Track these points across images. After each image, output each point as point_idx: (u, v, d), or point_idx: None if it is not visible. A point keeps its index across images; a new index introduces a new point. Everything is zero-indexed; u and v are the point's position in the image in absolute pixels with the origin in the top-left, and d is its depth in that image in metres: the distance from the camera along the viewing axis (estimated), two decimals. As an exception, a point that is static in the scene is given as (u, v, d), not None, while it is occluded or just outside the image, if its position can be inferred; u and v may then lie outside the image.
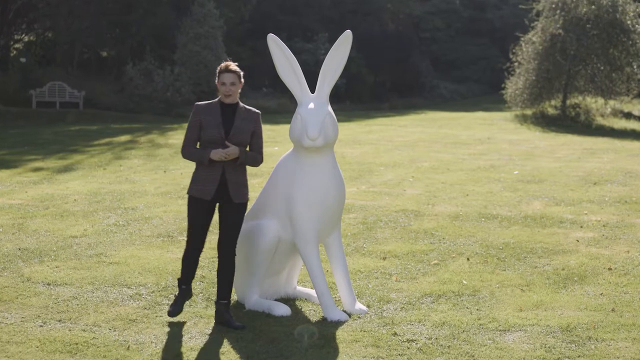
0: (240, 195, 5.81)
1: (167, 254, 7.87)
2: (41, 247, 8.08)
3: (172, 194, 11.41)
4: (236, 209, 5.82)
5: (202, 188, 5.76)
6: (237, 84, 5.81)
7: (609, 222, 9.51)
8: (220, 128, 5.74)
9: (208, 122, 5.76)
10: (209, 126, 5.74)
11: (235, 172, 5.80)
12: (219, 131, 5.73)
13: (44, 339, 5.42)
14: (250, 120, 5.86)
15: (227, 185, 5.77)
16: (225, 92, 5.78)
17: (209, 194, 5.75)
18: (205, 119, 5.77)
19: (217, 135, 5.73)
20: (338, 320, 5.89)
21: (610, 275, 7.17)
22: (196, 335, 5.58)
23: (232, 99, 5.83)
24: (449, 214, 9.95)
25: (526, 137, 21.60)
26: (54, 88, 28.26)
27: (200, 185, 5.78)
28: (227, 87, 5.78)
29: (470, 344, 5.40)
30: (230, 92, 5.78)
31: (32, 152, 16.95)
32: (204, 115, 5.79)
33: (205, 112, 5.80)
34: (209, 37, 31.34)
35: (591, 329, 5.67)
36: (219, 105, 5.84)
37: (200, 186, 5.77)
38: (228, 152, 5.67)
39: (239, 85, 5.83)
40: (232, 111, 5.84)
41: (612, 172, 14.00)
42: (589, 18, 26.70)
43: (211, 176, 5.75)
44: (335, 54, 6.09)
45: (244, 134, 5.80)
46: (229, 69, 5.80)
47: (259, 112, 5.99)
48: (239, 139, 5.77)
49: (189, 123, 5.84)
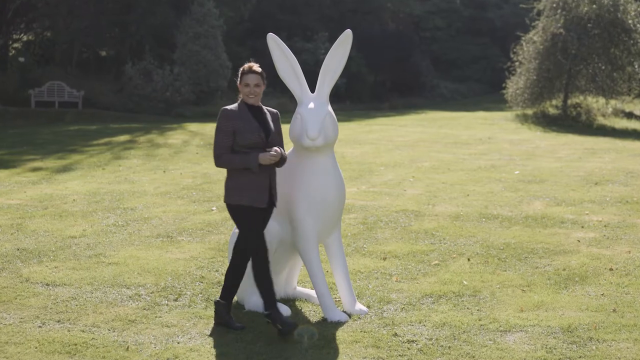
0: (276, 198, 5.82)
1: (166, 254, 7.87)
2: (40, 247, 8.07)
3: (172, 194, 11.41)
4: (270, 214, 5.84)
5: (256, 196, 5.61)
6: (261, 85, 5.72)
7: (610, 223, 9.51)
8: (260, 132, 5.62)
9: (243, 127, 5.59)
10: (246, 131, 5.58)
11: (275, 176, 5.78)
12: (260, 135, 5.61)
13: (42, 339, 5.42)
14: (274, 121, 5.85)
15: (272, 191, 5.72)
16: (249, 94, 5.68)
17: (263, 202, 5.64)
18: (238, 124, 5.60)
19: (258, 140, 5.60)
20: (338, 321, 5.89)
21: (611, 275, 7.17)
22: (195, 336, 5.57)
23: (256, 100, 5.73)
24: (450, 214, 9.94)
25: (527, 137, 21.60)
26: (53, 88, 28.27)
27: (252, 192, 5.60)
28: (252, 89, 5.68)
29: (471, 345, 5.40)
30: (255, 93, 5.69)
31: (31, 152, 16.95)
32: (236, 121, 5.61)
33: (237, 117, 5.63)
34: (208, 37, 31.34)
35: (592, 330, 5.67)
36: (246, 108, 5.72)
37: (254, 194, 5.60)
38: (277, 156, 5.59)
39: (262, 87, 5.75)
40: (260, 113, 5.76)
41: (614, 172, 14.00)
42: (590, 17, 26.70)
43: (261, 182, 5.63)
44: (335, 53, 6.09)
45: (277, 135, 5.79)
46: (253, 70, 5.70)
47: (277, 112, 5.99)
48: (276, 142, 5.75)
49: (219, 129, 5.62)
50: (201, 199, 11.05)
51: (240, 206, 5.61)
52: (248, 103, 5.74)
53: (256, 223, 5.64)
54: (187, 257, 7.76)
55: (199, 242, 8.40)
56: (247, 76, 5.69)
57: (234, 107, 5.73)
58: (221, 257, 7.74)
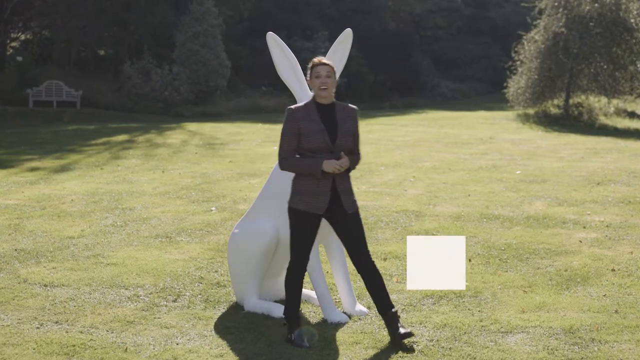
0: (351, 203, 5.44)
1: (165, 255, 7.87)
2: (38, 247, 8.07)
3: (171, 194, 11.40)
4: (353, 219, 5.46)
5: (314, 201, 5.34)
6: (332, 77, 5.40)
7: (612, 223, 9.51)
8: (324, 135, 5.30)
9: (308, 129, 5.31)
10: (311, 134, 5.29)
11: (344, 181, 5.42)
12: (324, 139, 5.30)
13: (40, 340, 5.42)
14: (348, 119, 5.44)
15: (339, 196, 5.39)
16: (321, 85, 5.35)
17: (321, 208, 5.35)
18: (304, 125, 5.32)
19: (322, 144, 5.29)
20: (338, 322, 5.88)
21: (613, 276, 7.17)
22: (194, 337, 5.57)
23: (328, 94, 5.38)
24: (451, 215, 9.94)
25: (528, 137, 21.60)
26: (51, 87, 28.28)
27: (310, 197, 5.35)
28: (323, 79, 5.34)
29: (471, 346, 5.39)
30: (327, 84, 5.34)
31: (28, 151, 16.95)
32: (302, 122, 5.33)
33: (302, 118, 5.34)
34: (207, 36, 31.36)
35: (594, 331, 5.67)
36: (315, 108, 5.41)
37: (311, 199, 5.35)
38: (342, 164, 5.27)
39: (334, 80, 5.43)
40: (330, 112, 5.41)
41: (616, 172, 14.00)
42: (592, 16, 26.70)
43: (322, 188, 5.34)
44: (336, 52, 6.09)
45: (348, 137, 5.39)
46: (323, 62, 5.41)
47: (355, 107, 5.57)
48: (345, 145, 5.37)
49: (283, 131, 5.37)
50: (200, 199, 11.04)
51: (296, 210, 5.42)
52: (319, 99, 5.42)
53: (307, 229, 5.43)
54: (186, 257, 7.76)
55: (198, 243, 8.40)
56: (317, 68, 5.39)
57: (299, 106, 5.45)
58: (220, 257, 7.74)
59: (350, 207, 5.44)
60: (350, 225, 5.49)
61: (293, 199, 5.44)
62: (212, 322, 5.90)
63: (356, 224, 5.49)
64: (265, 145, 18.40)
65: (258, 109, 31.34)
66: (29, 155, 16.29)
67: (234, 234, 6.32)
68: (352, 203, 5.47)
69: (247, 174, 13.51)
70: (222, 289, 6.75)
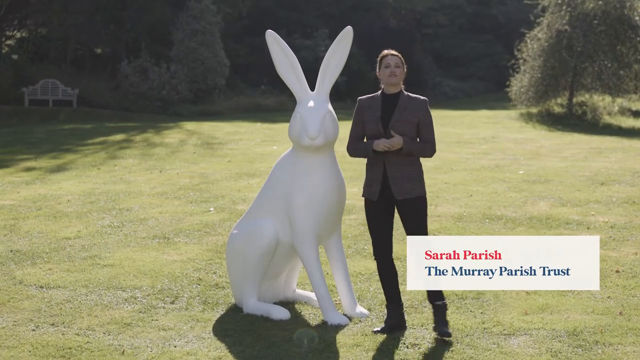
0: (403, 190, 5.61)
1: (162, 256, 7.87)
2: (34, 249, 8.07)
3: (168, 195, 11.41)
4: (407, 206, 5.65)
5: (370, 188, 5.71)
6: (401, 67, 5.70)
7: (616, 224, 9.51)
8: (378, 122, 5.65)
9: (369, 116, 5.70)
10: (369, 121, 5.68)
11: (398, 167, 5.62)
12: (377, 126, 5.64)
13: (36, 343, 5.42)
14: (413, 110, 5.66)
15: (389, 183, 5.64)
16: (390, 74, 5.64)
17: (374, 194, 5.67)
18: (367, 113, 5.72)
19: (375, 131, 5.65)
20: (338, 324, 5.88)
21: (617, 277, 7.17)
22: (193, 340, 5.57)
23: (397, 82, 5.67)
24: (453, 215, 9.95)
25: (531, 136, 21.60)
26: (47, 86, 28.28)
27: (367, 186, 5.74)
28: (392, 69, 5.65)
29: (474, 349, 5.40)
30: (396, 73, 5.64)
31: (24, 151, 16.95)
32: (366, 110, 5.73)
33: (366, 107, 5.74)
34: (206, 34, 31.37)
35: (598, 333, 5.67)
36: (380, 98, 5.74)
37: (367, 187, 5.73)
38: (392, 142, 5.54)
39: (403, 70, 5.72)
40: (394, 102, 5.70)
41: (620, 172, 14.00)
42: (596, 14, 26.70)
43: (375, 175, 5.68)
44: (336, 50, 6.09)
45: (405, 125, 5.62)
46: (392, 53, 5.73)
47: (425, 99, 5.78)
48: (398, 132, 5.60)
49: (352, 119, 5.82)
50: (198, 199, 11.05)
51: (365, 199, 5.79)
52: (387, 89, 5.71)
53: (372, 217, 5.74)
54: (184, 258, 7.77)
55: (196, 244, 8.40)
56: (386, 58, 5.70)
57: (367, 96, 5.83)
58: (219, 258, 7.75)
59: (399, 194, 5.62)
60: (404, 213, 5.70)
61: (363, 188, 5.82)
62: (211, 324, 5.91)
63: (409, 211, 5.66)
64: (264, 144, 18.40)
65: (257, 108, 31.34)
66: (24, 155, 16.29)
67: (232, 235, 6.32)
68: (406, 190, 5.63)
69: (246, 174, 13.52)
70: (221, 290, 6.75)
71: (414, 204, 5.65)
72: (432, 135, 5.70)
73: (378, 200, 5.68)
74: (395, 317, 5.77)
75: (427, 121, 5.69)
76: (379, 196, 5.67)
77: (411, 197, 5.62)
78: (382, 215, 5.73)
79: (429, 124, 5.69)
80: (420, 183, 5.68)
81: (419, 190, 5.65)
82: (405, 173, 5.63)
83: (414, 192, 5.64)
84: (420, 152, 5.67)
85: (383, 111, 5.67)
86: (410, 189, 5.63)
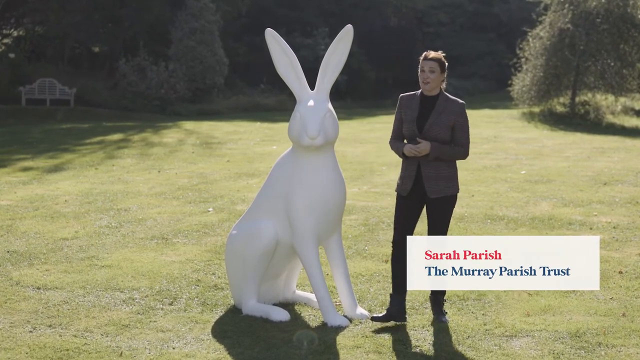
0: (437, 189, 5.82)
1: (161, 256, 7.88)
2: (31, 249, 8.08)
3: (167, 195, 11.41)
4: (436, 205, 5.87)
5: (401, 184, 5.93)
6: (436, 72, 5.82)
7: (619, 224, 9.51)
8: (413, 123, 5.84)
9: (407, 116, 5.90)
10: (407, 120, 5.89)
11: (432, 166, 5.82)
12: (412, 127, 5.84)
13: (33, 345, 5.42)
14: (449, 113, 5.84)
15: (422, 180, 5.83)
16: (424, 80, 5.83)
17: (405, 190, 5.88)
18: (405, 112, 5.92)
19: (410, 132, 5.86)
20: (339, 326, 5.89)
21: (620, 278, 7.17)
22: (191, 342, 5.57)
23: (431, 88, 5.85)
24: (454, 216, 9.91)
25: (534, 136, 21.61)
26: (44, 85, 28.27)
27: (400, 180, 5.96)
28: (426, 74, 5.82)
29: (475, 350, 5.40)
30: (429, 79, 5.81)
31: (21, 151, 16.95)
32: (405, 109, 5.93)
33: (406, 106, 5.93)
34: (204, 32, 31.35)
35: (601, 335, 5.67)
36: (419, 98, 5.92)
37: (400, 182, 5.95)
38: (419, 149, 5.76)
39: (440, 74, 5.84)
40: (431, 104, 5.87)
41: (623, 171, 14.01)
42: (599, 12, 26.69)
43: (408, 171, 5.88)
44: (336, 49, 6.09)
45: (441, 128, 5.80)
46: (428, 57, 5.86)
47: (462, 102, 5.95)
48: (433, 135, 5.79)
49: (395, 115, 6.03)
50: (197, 199, 11.05)
51: (397, 193, 5.98)
52: (424, 91, 5.89)
53: (399, 210, 5.93)
54: (183, 259, 7.77)
55: (195, 244, 8.41)
56: (423, 62, 5.85)
57: (408, 94, 6.00)
58: (218, 259, 7.75)
59: (432, 192, 5.82)
60: (431, 210, 5.91)
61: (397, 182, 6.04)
62: (210, 325, 5.91)
63: (438, 210, 5.88)
64: (263, 144, 18.41)
65: (256, 107, 31.33)
66: (21, 154, 16.29)
67: (231, 235, 6.32)
68: (439, 189, 5.84)
69: (245, 174, 13.52)
70: (220, 291, 6.75)
71: (446, 202, 5.90)
72: (466, 139, 5.91)
73: (408, 196, 5.88)
74: (397, 306, 5.88)
75: (463, 125, 5.87)
76: (411, 192, 5.87)
77: (441, 196, 5.86)
78: (409, 210, 5.93)
79: (464, 128, 5.88)
80: (453, 182, 5.90)
81: (452, 189, 5.90)
82: (440, 172, 5.85)
83: (448, 190, 5.88)
84: (451, 157, 5.87)
85: (420, 112, 5.85)
86: (444, 187, 5.87)
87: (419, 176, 5.84)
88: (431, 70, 5.82)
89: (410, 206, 5.92)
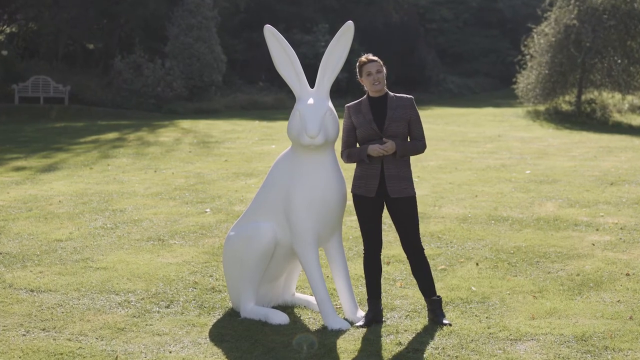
0: (399, 189, 5.94)
1: (157, 258, 7.88)
2: (24, 251, 8.08)
3: (163, 195, 11.41)
4: (401, 204, 5.96)
5: (365, 184, 5.97)
6: (382, 71, 6.01)
7: (626, 225, 9.52)
8: (372, 124, 5.92)
9: (359, 121, 5.97)
10: (361, 125, 5.95)
11: (395, 166, 5.95)
12: (372, 127, 5.91)
13: (27, 348, 5.43)
14: (403, 108, 6.01)
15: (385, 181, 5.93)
16: (374, 81, 5.96)
17: (372, 191, 5.94)
18: (357, 117, 5.99)
19: (371, 132, 5.92)
20: (339, 329, 5.89)
21: (628, 281, 7.18)
22: (188, 345, 5.58)
23: (380, 89, 6.00)
24: (457, 216, 9.95)
25: (539, 135, 21.62)
26: (38, 82, 28.29)
27: (362, 181, 5.99)
28: (375, 76, 5.97)
29: (479, 354, 5.40)
30: (379, 79, 5.97)
31: (14, 150, 16.96)
32: (355, 115, 6.01)
33: (355, 112, 6.02)
34: (202, 28, 31.36)
35: (608, 338, 5.67)
36: (367, 101, 6.04)
37: (363, 182, 5.98)
38: (386, 148, 5.84)
39: (384, 72, 6.03)
40: (382, 104, 6.01)
41: (630, 171, 14.01)
42: (605, 8, 26.71)
43: (372, 171, 5.94)
44: (336, 46, 6.10)
45: (399, 124, 5.96)
46: (370, 59, 6.03)
47: (411, 97, 6.14)
48: (394, 131, 5.93)
49: (343, 126, 6.07)
50: (194, 200, 11.06)
51: (355, 195, 6.05)
52: (372, 94, 6.01)
53: (366, 213, 6.01)
54: (180, 261, 7.77)
55: (191, 246, 8.41)
56: (367, 65, 6.01)
57: (353, 103, 6.11)
58: (215, 261, 7.75)
59: (394, 192, 5.92)
60: (397, 210, 5.99)
61: (352, 184, 6.09)
62: (207, 329, 5.92)
63: (403, 209, 5.97)
64: (262, 143, 18.41)
65: (255, 106, 31.35)
66: (14, 154, 16.30)
67: (229, 237, 6.33)
68: (400, 189, 5.95)
69: (244, 174, 13.52)
70: (217, 294, 6.76)
71: (407, 203, 5.99)
72: (421, 131, 6.11)
73: (373, 197, 5.95)
74: (375, 310, 6.02)
75: (416, 118, 6.09)
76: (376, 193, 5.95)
77: (404, 196, 5.97)
78: (374, 212, 6.02)
79: (418, 121, 6.10)
80: (411, 183, 6.05)
81: (410, 189, 6.02)
82: (399, 172, 5.98)
83: (407, 191, 5.99)
84: (414, 151, 6.05)
85: (373, 114, 5.97)
86: (404, 188, 5.98)
87: (382, 175, 5.93)
88: (378, 70, 5.98)
89: (375, 207, 6.00)
